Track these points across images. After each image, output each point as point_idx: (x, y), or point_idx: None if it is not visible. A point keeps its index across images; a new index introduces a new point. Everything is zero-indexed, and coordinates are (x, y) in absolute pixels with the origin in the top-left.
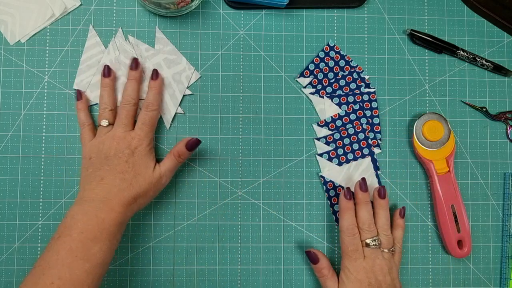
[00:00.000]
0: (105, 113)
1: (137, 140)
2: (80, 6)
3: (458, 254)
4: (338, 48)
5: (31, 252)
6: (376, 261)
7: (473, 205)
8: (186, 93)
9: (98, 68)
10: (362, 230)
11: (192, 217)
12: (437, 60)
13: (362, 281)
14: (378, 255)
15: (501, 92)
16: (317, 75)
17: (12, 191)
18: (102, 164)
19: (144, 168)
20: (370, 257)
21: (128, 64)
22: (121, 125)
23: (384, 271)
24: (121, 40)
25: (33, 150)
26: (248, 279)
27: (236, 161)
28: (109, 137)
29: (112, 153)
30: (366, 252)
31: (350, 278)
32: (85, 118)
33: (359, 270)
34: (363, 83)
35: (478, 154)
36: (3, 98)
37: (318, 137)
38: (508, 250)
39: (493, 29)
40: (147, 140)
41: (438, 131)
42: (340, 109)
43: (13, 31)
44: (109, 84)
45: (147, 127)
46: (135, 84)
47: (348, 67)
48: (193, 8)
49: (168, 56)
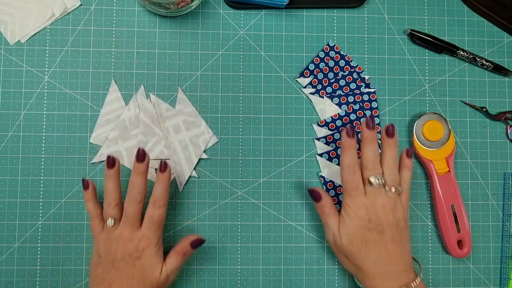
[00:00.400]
0: (109, 209)
1: (144, 241)
2: (80, 6)
3: (458, 254)
4: (338, 48)
5: (31, 252)
6: (378, 199)
7: (473, 205)
8: (202, 156)
9: (116, 124)
10: (365, 168)
11: (192, 217)
12: (437, 60)
13: (362, 217)
14: (380, 193)
15: (501, 92)
16: (317, 75)
17: (12, 191)
18: (109, 267)
19: (151, 271)
20: (371, 195)
21: (134, 155)
22: (127, 225)
23: (387, 209)
24: (143, 98)
25: (33, 150)
26: (248, 279)
27: (236, 161)
28: (116, 237)
29: (119, 256)
30: (367, 190)
31: (350, 215)
32: (93, 209)
33: (360, 207)
34: (363, 83)
35: (478, 154)
36: (3, 98)
37: (318, 137)
38: (508, 250)
39: (493, 29)
40: (155, 239)
41: (438, 131)
42: (340, 109)
43: (13, 31)
44: (113, 176)
45: (155, 226)
46: (142, 178)
47: (348, 67)
48: (193, 8)
49: (188, 118)
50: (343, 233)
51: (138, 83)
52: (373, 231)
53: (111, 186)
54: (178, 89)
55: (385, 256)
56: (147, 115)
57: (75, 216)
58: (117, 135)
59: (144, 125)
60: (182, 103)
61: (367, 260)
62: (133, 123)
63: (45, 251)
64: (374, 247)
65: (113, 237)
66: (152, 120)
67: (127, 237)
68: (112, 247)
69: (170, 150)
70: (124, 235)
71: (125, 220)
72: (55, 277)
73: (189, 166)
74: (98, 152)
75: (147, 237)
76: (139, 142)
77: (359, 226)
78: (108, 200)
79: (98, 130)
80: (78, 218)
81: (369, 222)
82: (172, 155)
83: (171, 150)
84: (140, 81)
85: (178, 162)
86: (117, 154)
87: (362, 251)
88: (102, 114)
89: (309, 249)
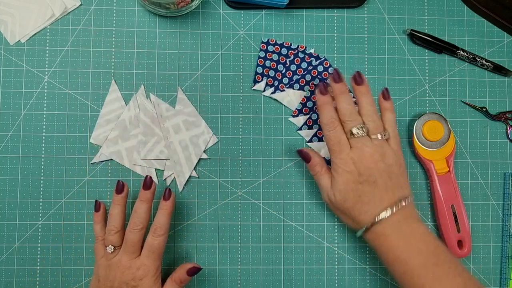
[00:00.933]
0: (111, 235)
1: (142, 270)
2: (80, 6)
3: (458, 254)
4: (273, 40)
5: (31, 252)
6: (364, 149)
7: (473, 205)
8: (202, 156)
9: (116, 124)
10: (344, 122)
11: (192, 217)
12: (437, 60)
13: (351, 172)
14: (366, 142)
15: (501, 92)
16: (269, 74)
17: (12, 191)
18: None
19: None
20: (356, 146)
21: (142, 182)
22: (127, 253)
23: (375, 157)
24: (143, 98)
25: (33, 150)
26: (248, 279)
27: (236, 161)
28: (115, 264)
29: (116, 284)
30: (352, 143)
31: (339, 172)
32: (99, 231)
33: (347, 162)
34: (312, 58)
35: (478, 154)
36: (3, 98)
37: (299, 127)
38: (508, 250)
39: (493, 29)
40: (154, 269)
41: (438, 131)
42: (304, 91)
43: (13, 31)
44: (121, 202)
45: (154, 255)
46: (146, 206)
47: (291, 51)
48: (193, 8)
49: (188, 118)
50: (336, 191)
51: (138, 83)
52: (365, 184)
53: (116, 212)
54: (178, 89)
55: (381, 207)
56: (147, 115)
57: (75, 216)
58: (117, 135)
59: (144, 125)
60: (182, 103)
61: (363, 214)
62: (133, 123)
63: (45, 251)
64: (369, 200)
65: (112, 263)
66: (152, 120)
67: (126, 265)
68: (110, 273)
69: (170, 150)
70: (123, 262)
71: (125, 247)
72: (55, 277)
73: (189, 166)
74: (98, 152)
75: (145, 266)
76: (139, 142)
77: (350, 181)
78: (110, 226)
79: (98, 130)
80: (78, 218)
81: (359, 175)
82: (172, 155)
83: (171, 150)
84: (140, 81)
85: (178, 162)
86: (117, 154)
87: (357, 206)
88: (102, 114)
89: (309, 249)
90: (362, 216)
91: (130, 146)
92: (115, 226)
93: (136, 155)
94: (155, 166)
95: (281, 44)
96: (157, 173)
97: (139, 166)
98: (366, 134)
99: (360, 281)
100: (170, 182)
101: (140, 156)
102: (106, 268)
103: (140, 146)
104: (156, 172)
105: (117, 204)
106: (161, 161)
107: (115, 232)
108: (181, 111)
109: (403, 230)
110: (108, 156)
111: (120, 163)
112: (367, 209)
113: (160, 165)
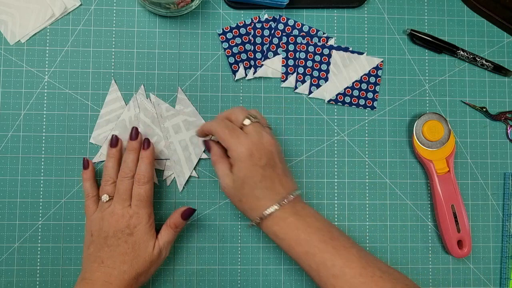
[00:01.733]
0: (106, 186)
1: (135, 218)
2: (80, 6)
3: (458, 254)
4: (227, 27)
5: (31, 252)
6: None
7: (473, 205)
8: (202, 156)
9: (116, 124)
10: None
11: (192, 217)
12: (437, 60)
13: (251, 154)
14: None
15: (501, 92)
16: (242, 58)
17: (12, 191)
18: (102, 245)
19: (144, 248)
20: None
21: (129, 133)
22: (119, 201)
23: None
24: (143, 97)
25: (33, 150)
26: (248, 279)
27: None
28: (108, 214)
29: (111, 233)
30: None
31: (235, 156)
32: (90, 189)
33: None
34: (270, 22)
35: (478, 154)
36: (3, 98)
37: (294, 87)
38: (508, 250)
39: (493, 29)
40: (146, 216)
41: (438, 131)
42: (279, 54)
43: (13, 31)
44: (115, 155)
45: (143, 203)
46: (134, 155)
47: (249, 27)
48: (193, 8)
49: (188, 118)
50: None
51: (138, 83)
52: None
53: (111, 164)
54: (178, 89)
55: (263, 182)
56: (147, 115)
57: (75, 216)
58: (117, 135)
59: (144, 125)
60: (182, 103)
61: (261, 199)
62: (133, 123)
63: (45, 251)
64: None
65: (106, 214)
66: (152, 120)
67: (119, 214)
68: (104, 224)
69: (170, 150)
70: (116, 212)
71: (117, 196)
72: (55, 277)
73: (189, 166)
74: (98, 152)
75: (137, 214)
76: None
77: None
78: (106, 177)
79: (98, 130)
80: (78, 218)
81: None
82: (172, 155)
83: (171, 150)
84: (140, 81)
85: (178, 162)
86: None
87: (255, 192)
88: (102, 114)
89: None
90: (261, 201)
91: None
92: (111, 176)
93: (120, 170)
94: (155, 166)
95: (236, 26)
96: (157, 173)
97: None
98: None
99: None
100: (170, 182)
101: None
102: (99, 220)
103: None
104: (156, 172)
105: (112, 157)
106: (161, 161)
107: (111, 183)
108: (181, 111)
109: (299, 212)
110: None
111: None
112: (263, 196)
113: (160, 165)
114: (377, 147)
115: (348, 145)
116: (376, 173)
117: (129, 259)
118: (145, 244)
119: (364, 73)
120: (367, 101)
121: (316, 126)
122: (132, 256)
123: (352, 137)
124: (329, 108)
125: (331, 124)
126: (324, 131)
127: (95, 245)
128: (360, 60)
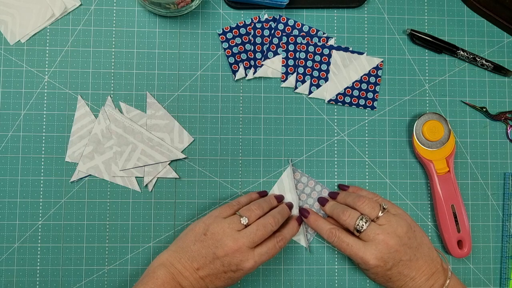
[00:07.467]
0: (250, 212)
1: (248, 264)
2: (80, 6)
3: (458, 254)
4: (227, 28)
5: (31, 252)
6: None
7: (473, 205)
8: (179, 157)
9: (89, 139)
10: (344, 222)
11: (192, 217)
12: (437, 60)
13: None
14: (376, 230)
15: (501, 92)
16: (242, 58)
17: (12, 191)
18: (206, 255)
19: (237, 279)
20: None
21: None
22: (250, 241)
23: (395, 239)
24: (111, 108)
25: (33, 150)
26: (248, 279)
27: (236, 161)
28: (232, 238)
29: (220, 256)
30: (363, 237)
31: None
32: (243, 203)
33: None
34: (270, 22)
35: (478, 154)
36: (3, 98)
37: (294, 87)
38: (508, 250)
39: (493, 29)
40: (254, 269)
41: (438, 131)
42: (279, 54)
43: (13, 31)
44: (271, 206)
45: (264, 258)
46: (286, 211)
47: (249, 27)
48: (193, 8)
49: (161, 121)
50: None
51: (138, 83)
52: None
53: (267, 206)
54: (147, 94)
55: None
56: (118, 125)
57: (75, 216)
58: (92, 150)
59: (116, 135)
60: (153, 107)
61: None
62: (106, 136)
63: (45, 251)
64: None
65: (231, 236)
66: (124, 130)
67: (241, 249)
68: (224, 242)
69: (146, 154)
70: (239, 244)
71: (251, 235)
72: (55, 277)
73: (164, 165)
74: (75, 170)
75: (255, 264)
76: (115, 154)
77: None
78: (256, 205)
79: (72, 147)
80: (78, 218)
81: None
82: (148, 161)
83: (147, 156)
84: (140, 81)
85: (154, 166)
86: (95, 169)
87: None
88: (73, 131)
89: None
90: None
91: (106, 159)
92: (263, 210)
93: (115, 167)
94: (135, 175)
95: (236, 26)
96: (138, 181)
97: (119, 177)
98: (370, 221)
99: (360, 281)
100: (152, 188)
101: (118, 167)
102: (223, 235)
103: (117, 157)
104: (136, 180)
105: (269, 205)
106: (140, 168)
107: (256, 214)
108: (153, 115)
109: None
110: (86, 172)
111: (99, 177)
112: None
113: (139, 172)
114: (377, 147)
115: (348, 145)
116: (376, 173)
117: (222, 283)
118: (237, 279)
119: (364, 73)
120: (367, 101)
121: (316, 126)
122: (226, 278)
123: (352, 137)
124: (329, 108)
125: (331, 124)
126: (324, 131)
127: (200, 247)
128: (360, 60)
